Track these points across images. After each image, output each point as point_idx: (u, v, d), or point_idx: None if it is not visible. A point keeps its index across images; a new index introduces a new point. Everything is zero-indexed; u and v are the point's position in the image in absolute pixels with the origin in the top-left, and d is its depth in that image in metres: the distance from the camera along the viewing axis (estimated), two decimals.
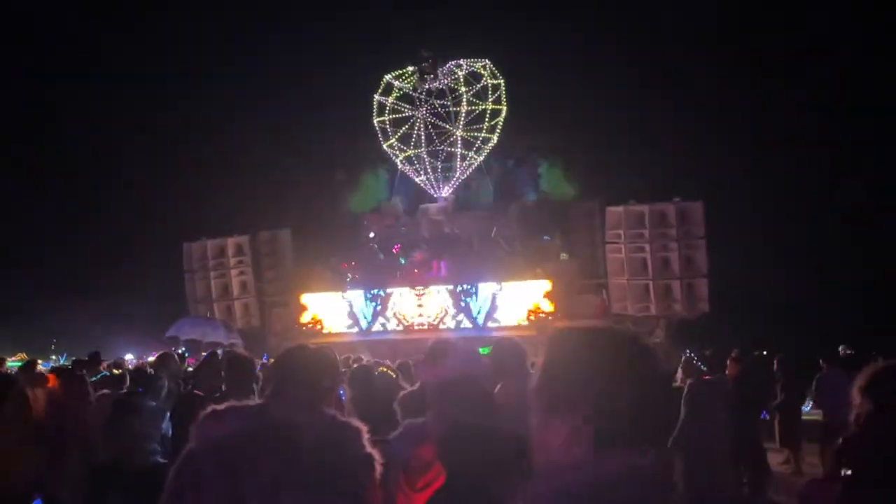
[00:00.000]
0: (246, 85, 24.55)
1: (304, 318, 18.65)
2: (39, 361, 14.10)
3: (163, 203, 24.17)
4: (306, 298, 18.81)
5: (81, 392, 6.37)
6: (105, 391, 7.02)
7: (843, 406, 2.93)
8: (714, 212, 17.36)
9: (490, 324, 17.28)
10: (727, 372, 8.30)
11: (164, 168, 24.69)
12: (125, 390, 6.86)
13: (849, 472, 2.62)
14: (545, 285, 17.54)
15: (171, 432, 5.88)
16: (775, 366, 10.35)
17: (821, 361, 9.68)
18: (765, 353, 12.82)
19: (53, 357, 15.95)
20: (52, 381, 6.81)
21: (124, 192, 24.01)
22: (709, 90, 22.20)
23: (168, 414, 6.00)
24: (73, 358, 11.98)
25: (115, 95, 24.71)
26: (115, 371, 8.62)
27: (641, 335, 1.57)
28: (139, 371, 7.33)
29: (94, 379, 8.04)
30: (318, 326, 18.50)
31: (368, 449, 2.40)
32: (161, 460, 5.77)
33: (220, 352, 7.04)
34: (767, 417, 10.24)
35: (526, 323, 17.23)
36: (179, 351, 13.06)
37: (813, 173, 21.16)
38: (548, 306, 17.37)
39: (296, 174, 23.44)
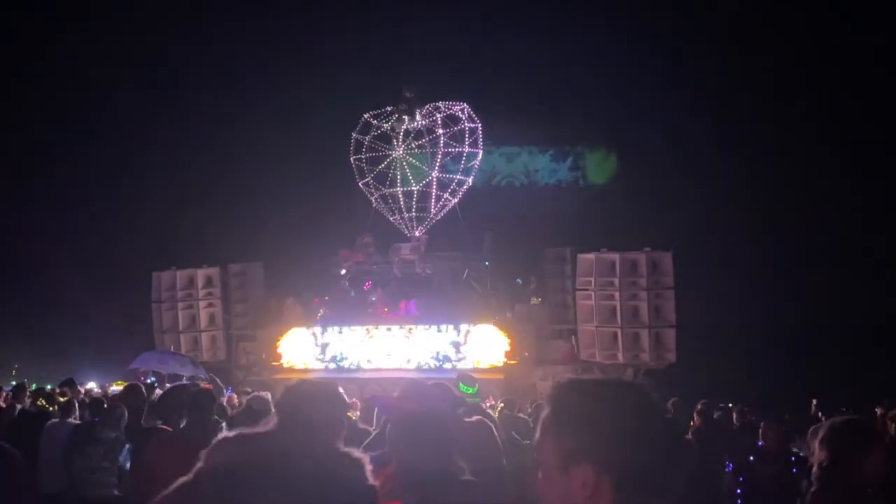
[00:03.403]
0: (221, 116, 24.52)
1: (278, 351, 18.46)
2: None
3: (131, 231, 23.92)
4: (282, 334, 18.63)
5: None
6: (55, 420, 6.87)
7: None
8: (683, 262, 17.56)
9: (459, 365, 17.22)
10: (692, 423, 8.35)
11: (135, 195, 24.50)
12: (77, 419, 6.73)
13: None
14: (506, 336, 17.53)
15: (128, 465, 5.78)
16: (734, 417, 10.41)
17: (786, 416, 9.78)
18: (730, 405, 12.89)
19: (14, 383, 15.60)
20: None
21: (94, 218, 23.75)
22: (681, 141, 22.58)
23: (127, 446, 5.89)
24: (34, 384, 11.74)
25: (87, 119, 24.56)
26: (62, 399, 8.46)
27: (650, 388, 1.54)
28: (96, 401, 7.20)
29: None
30: (281, 361, 18.32)
31: (371, 481, 2.41)
32: (116, 493, 5.65)
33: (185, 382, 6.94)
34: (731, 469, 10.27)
35: (495, 365, 17.22)
36: (148, 381, 12.87)
37: (784, 223, 21.53)
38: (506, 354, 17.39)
39: (269, 207, 23.39)
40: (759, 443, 7.24)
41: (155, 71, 25.03)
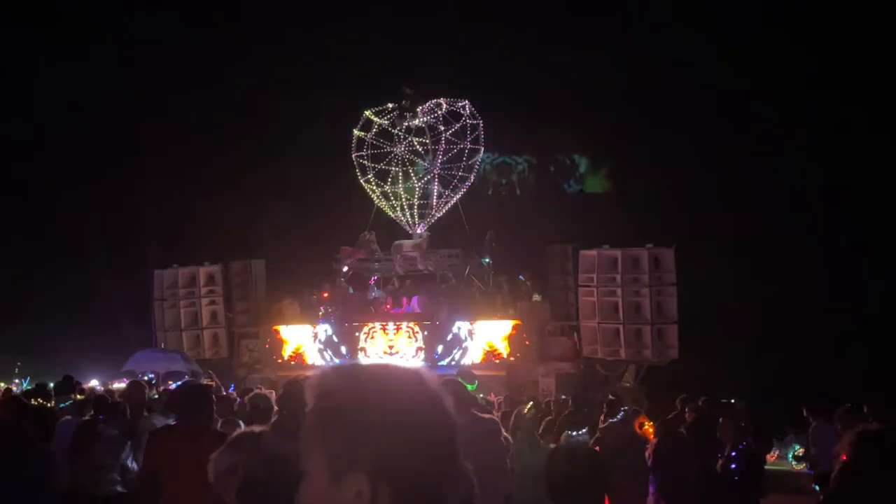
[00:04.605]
0: (221, 114, 24.53)
1: (286, 350, 18.47)
2: (2, 384, 13.84)
3: (133, 229, 23.95)
4: (283, 330, 18.67)
5: None
6: (67, 417, 6.89)
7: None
8: (685, 259, 17.56)
9: (459, 362, 17.22)
10: (685, 419, 8.38)
11: (137, 194, 24.52)
12: (88, 417, 6.74)
13: None
14: (511, 326, 17.58)
15: (131, 462, 5.78)
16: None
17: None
18: (732, 401, 12.90)
19: (16, 381, 15.61)
20: None
21: (96, 216, 23.75)
22: (685, 139, 22.59)
23: (130, 443, 5.89)
24: (37, 382, 11.75)
25: (87, 119, 24.55)
26: (78, 396, 8.47)
27: (431, 376, 1.31)
28: (100, 398, 7.20)
29: (65, 405, 7.90)
30: (302, 360, 18.29)
31: None
32: (120, 490, 5.66)
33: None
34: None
35: (489, 362, 17.26)
36: (146, 377, 12.90)
37: (785, 221, 21.53)
38: (504, 348, 17.40)
39: (271, 204, 23.37)
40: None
41: (154, 71, 25.03)
